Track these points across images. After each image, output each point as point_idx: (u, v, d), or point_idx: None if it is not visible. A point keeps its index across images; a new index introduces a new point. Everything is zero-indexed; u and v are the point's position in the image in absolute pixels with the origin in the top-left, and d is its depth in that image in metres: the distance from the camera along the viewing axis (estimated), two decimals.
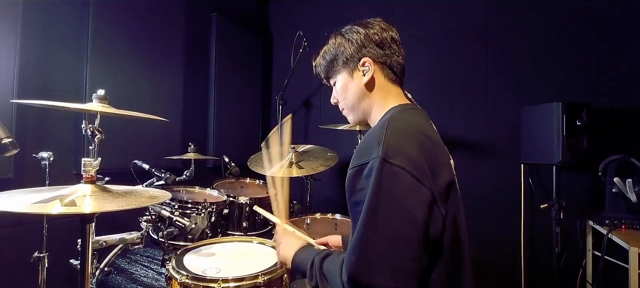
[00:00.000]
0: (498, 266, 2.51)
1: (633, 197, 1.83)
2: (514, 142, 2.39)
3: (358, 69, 1.04)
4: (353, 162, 0.89)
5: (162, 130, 2.42)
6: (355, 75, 1.05)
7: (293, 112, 3.40)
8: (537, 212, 2.38)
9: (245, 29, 3.29)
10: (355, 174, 0.86)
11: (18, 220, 1.83)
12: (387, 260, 0.76)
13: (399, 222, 0.78)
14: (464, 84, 2.67)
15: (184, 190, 2.15)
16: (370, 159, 0.83)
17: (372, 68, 1.02)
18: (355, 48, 1.04)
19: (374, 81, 1.04)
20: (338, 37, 1.08)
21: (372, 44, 1.03)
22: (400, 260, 0.77)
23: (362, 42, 1.03)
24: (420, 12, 2.84)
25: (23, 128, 1.83)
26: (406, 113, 0.98)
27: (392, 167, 0.80)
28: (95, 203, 0.97)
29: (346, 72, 1.06)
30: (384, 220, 0.78)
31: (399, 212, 0.78)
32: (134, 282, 1.63)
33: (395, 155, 0.81)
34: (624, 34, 2.21)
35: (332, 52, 1.08)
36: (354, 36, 1.04)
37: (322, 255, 0.96)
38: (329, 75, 1.12)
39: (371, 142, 0.87)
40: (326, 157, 2.20)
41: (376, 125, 0.99)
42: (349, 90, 1.07)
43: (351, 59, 1.04)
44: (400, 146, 0.83)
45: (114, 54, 2.21)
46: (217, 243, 1.65)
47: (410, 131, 0.89)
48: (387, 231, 0.77)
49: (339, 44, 1.06)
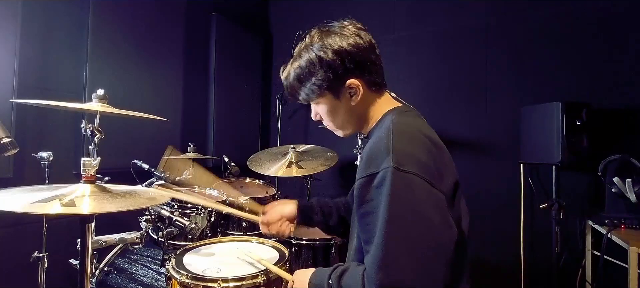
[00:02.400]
0: (498, 266, 2.51)
1: (632, 197, 1.83)
2: (513, 142, 2.39)
3: (345, 91, 0.96)
4: (361, 171, 0.86)
5: (162, 130, 2.42)
6: (343, 98, 0.98)
7: (293, 111, 3.40)
8: (536, 212, 2.38)
9: (245, 28, 3.29)
10: (365, 184, 0.83)
11: (18, 220, 1.83)
12: (415, 269, 0.74)
13: (420, 229, 0.76)
14: (464, 84, 2.67)
15: (184, 190, 2.15)
16: (380, 169, 0.80)
17: (360, 89, 0.96)
18: (337, 72, 0.94)
19: (362, 98, 0.98)
20: (312, 55, 0.95)
21: (352, 60, 0.94)
22: (427, 268, 0.75)
23: (342, 63, 0.93)
24: (420, 12, 2.84)
25: (22, 128, 1.83)
26: (405, 116, 0.96)
27: (406, 175, 0.78)
28: (95, 203, 0.96)
29: (331, 95, 0.98)
30: (405, 230, 0.76)
31: (418, 219, 0.77)
32: (133, 282, 1.62)
33: (406, 162, 0.79)
34: (624, 34, 2.21)
35: (308, 74, 0.97)
36: (330, 57, 0.93)
37: (339, 272, 0.92)
38: (308, 98, 1.02)
39: (379, 150, 0.84)
40: (326, 157, 2.20)
41: (380, 132, 0.94)
42: (337, 113, 1.01)
43: (335, 84, 0.96)
44: (409, 152, 0.82)
45: (114, 54, 2.21)
46: (217, 243, 1.65)
47: (416, 135, 0.88)
48: (410, 240, 0.76)
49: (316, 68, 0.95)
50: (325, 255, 1.77)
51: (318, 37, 0.97)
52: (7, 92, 1.75)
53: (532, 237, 2.42)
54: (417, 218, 0.77)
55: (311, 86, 0.98)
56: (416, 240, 0.75)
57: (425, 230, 0.76)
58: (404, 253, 0.75)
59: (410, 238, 0.76)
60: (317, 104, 1.03)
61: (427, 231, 0.76)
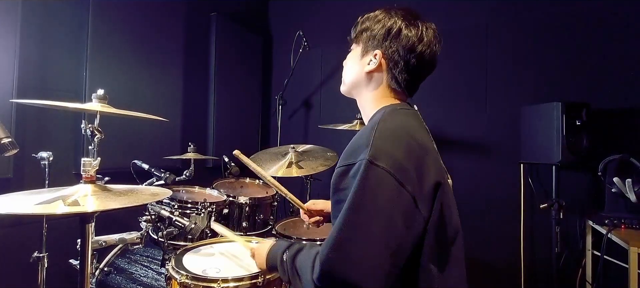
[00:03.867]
0: (498, 266, 2.51)
1: (632, 197, 1.83)
2: (513, 142, 2.39)
3: (369, 55, 1.02)
4: (341, 161, 0.90)
5: (162, 130, 2.42)
6: (364, 59, 1.04)
7: (293, 112, 3.41)
8: (536, 212, 2.38)
9: (245, 28, 3.29)
10: (342, 174, 0.87)
11: (18, 220, 1.83)
12: (362, 258, 0.77)
13: (378, 223, 0.78)
14: (464, 84, 2.67)
15: (184, 190, 2.15)
16: (357, 160, 0.83)
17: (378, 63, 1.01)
18: (382, 37, 1.00)
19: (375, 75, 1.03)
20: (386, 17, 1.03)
21: (397, 46, 0.99)
22: (375, 261, 0.77)
23: (392, 38, 1.00)
24: (420, 12, 2.83)
25: (23, 128, 1.83)
26: (397, 114, 0.96)
27: (377, 169, 0.80)
28: (98, 201, 0.97)
29: (361, 48, 1.05)
30: (363, 220, 0.79)
31: (378, 214, 0.79)
32: (133, 282, 1.63)
33: (381, 157, 0.81)
34: (624, 34, 2.21)
35: (367, 22, 1.05)
36: (391, 27, 1.00)
37: (294, 250, 0.97)
38: (353, 37, 1.10)
39: (360, 143, 0.87)
40: (326, 157, 2.20)
41: (366, 126, 0.98)
42: (351, 65, 1.08)
43: (372, 42, 1.02)
44: (387, 149, 0.84)
45: (114, 54, 2.21)
46: (216, 243, 1.65)
47: (398, 133, 0.89)
48: (366, 230, 0.78)
49: (377, 21, 1.03)
50: None
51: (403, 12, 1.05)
52: (7, 92, 1.75)
53: (532, 237, 2.42)
54: (378, 213, 0.79)
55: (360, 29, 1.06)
56: (371, 232, 0.78)
57: (382, 224, 0.78)
58: (356, 242, 0.78)
59: (366, 229, 0.78)
60: (351, 50, 1.11)
61: (384, 227, 0.78)
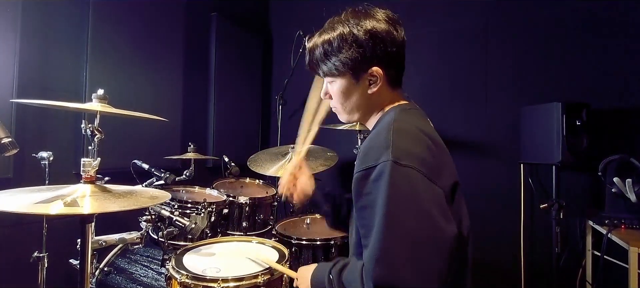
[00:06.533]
0: (498, 266, 2.51)
1: (633, 197, 1.83)
2: (514, 142, 2.39)
3: (366, 77, 0.95)
4: (358, 165, 0.85)
5: (162, 130, 2.41)
6: (361, 83, 0.96)
7: (293, 111, 3.40)
8: (537, 212, 2.38)
9: (245, 28, 3.28)
10: (362, 178, 0.83)
11: (17, 220, 1.83)
12: (412, 263, 0.73)
13: (419, 222, 0.75)
14: (464, 84, 2.67)
15: (184, 190, 2.15)
16: (379, 162, 0.80)
17: (381, 80, 0.94)
18: (365, 55, 0.91)
19: (379, 89, 0.97)
20: (346, 30, 0.92)
21: (382, 49, 0.92)
22: (426, 262, 0.74)
23: (374, 48, 0.91)
24: (420, 11, 2.84)
25: (22, 128, 1.83)
26: (408, 114, 0.95)
27: (404, 169, 0.77)
28: (95, 203, 0.96)
29: (350, 76, 0.95)
30: (403, 224, 0.75)
31: (417, 213, 0.76)
32: (133, 282, 1.62)
33: (405, 156, 0.79)
34: (624, 34, 2.21)
35: (336, 49, 0.93)
36: (363, 37, 0.91)
37: (340, 267, 0.92)
38: (328, 72, 0.98)
39: (377, 145, 0.84)
40: (326, 157, 2.20)
41: (380, 127, 0.94)
42: (350, 96, 0.98)
43: (359, 66, 0.93)
44: (409, 148, 0.82)
45: (114, 54, 2.21)
46: (216, 243, 1.65)
47: (416, 132, 0.87)
48: (408, 234, 0.75)
49: (347, 43, 0.92)
50: (325, 255, 1.77)
51: (353, 15, 0.94)
52: (7, 92, 1.75)
53: (532, 237, 2.42)
54: (416, 212, 0.76)
55: (335, 62, 0.94)
56: (414, 234, 0.75)
57: (424, 224, 0.75)
58: (402, 248, 0.74)
59: (408, 232, 0.75)
60: (332, 82, 1.00)
61: (426, 225, 0.75)
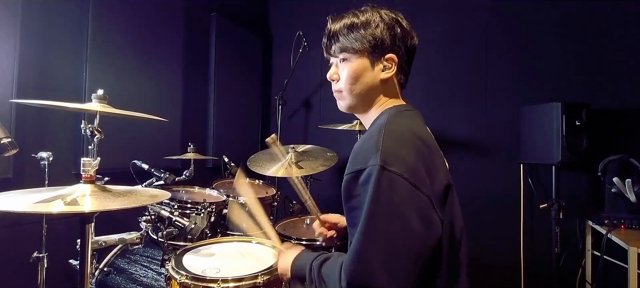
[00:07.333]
0: (498, 266, 2.51)
1: (632, 197, 1.83)
2: (513, 142, 2.39)
3: (382, 61, 0.98)
4: (349, 167, 0.88)
5: (161, 130, 2.42)
6: (376, 67, 0.98)
7: (293, 112, 3.40)
8: (536, 212, 2.38)
9: (245, 28, 3.29)
10: (352, 180, 0.86)
11: (17, 220, 1.83)
12: (385, 266, 0.77)
13: (396, 228, 0.78)
14: (464, 84, 2.67)
15: (184, 190, 2.15)
16: (367, 165, 0.82)
17: (394, 69, 0.99)
18: (389, 38, 0.96)
19: (389, 80, 1.00)
20: (376, 16, 0.97)
21: (404, 41, 0.99)
22: (398, 266, 0.77)
23: (398, 38, 0.97)
24: (420, 11, 2.84)
25: (22, 128, 1.83)
26: (402, 116, 0.96)
27: (390, 175, 0.79)
28: (96, 202, 0.97)
29: (368, 56, 0.97)
30: (382, 228, 0.78)
31: (396, 219, 0.79)
32: (133, 282, 1.62)
33: (393, 162, 0.80)
34: (624, 34, 2.21)
35: (362, 24, 0.96)
36: (390, 22, 0.97)
37: (321, 260, 0.95)
38: (344, 49, 0.98)
39: (368, 147, 0.86)
40: (326, 157, 2.20)
41: (372, 128, 0.96)
42: (362, 79, 0.98)
43: (380, 48, 0.96)
44: (397, 152, 0.83)
45: (114, 54, 2.21)
46: (216, 243, 1.65)
47: (407, 136, 0.88)
48: (385, 238, 0.78)
49: (376, 24, 0.96)
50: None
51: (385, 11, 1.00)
52: (7, 92, 1.75)
53: (532, 237, 2.42)
54: (395, 218, 0.79)
55: (357, 36, 0.96)
56: (391, 239, 0.78)
57: (402, 231, 0.78)
58: (378, 250, 0.78)
59: (385, 236, 0.78)
60: (345, 61, 0.99)
61: (403, 232, 0.78)
